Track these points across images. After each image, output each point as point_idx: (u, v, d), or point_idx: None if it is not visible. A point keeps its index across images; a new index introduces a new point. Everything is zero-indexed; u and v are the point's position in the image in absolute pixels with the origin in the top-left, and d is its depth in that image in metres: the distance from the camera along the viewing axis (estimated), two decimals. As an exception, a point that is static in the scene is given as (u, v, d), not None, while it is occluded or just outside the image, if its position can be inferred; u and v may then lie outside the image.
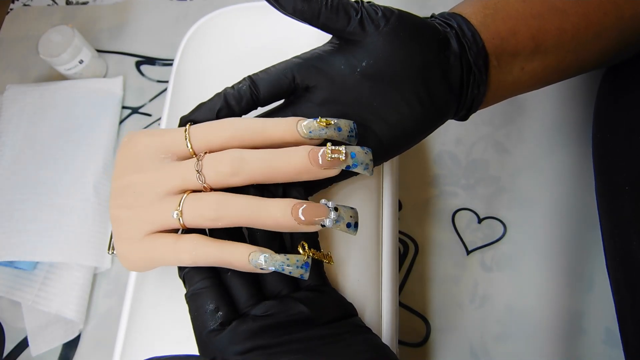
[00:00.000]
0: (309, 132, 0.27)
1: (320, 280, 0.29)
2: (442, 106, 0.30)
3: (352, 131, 0.28)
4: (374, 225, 0.35)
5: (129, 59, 0.61)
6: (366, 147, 0.27)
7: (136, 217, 0.28)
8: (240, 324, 0.26)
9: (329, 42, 0.31)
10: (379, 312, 0.33)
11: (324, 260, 0.28)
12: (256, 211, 0.26)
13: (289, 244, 0.29)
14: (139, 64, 0.61)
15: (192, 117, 0.30)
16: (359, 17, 0.28)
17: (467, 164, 0.48)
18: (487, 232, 0.45)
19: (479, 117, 0.50)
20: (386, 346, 0.28)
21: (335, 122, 0.27)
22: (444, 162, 0.49)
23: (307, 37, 0.36)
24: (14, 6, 0.69)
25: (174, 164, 0.28)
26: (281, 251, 0.27)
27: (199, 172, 0.27)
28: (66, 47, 0.54)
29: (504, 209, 0.46)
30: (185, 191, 0.28)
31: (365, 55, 0.28)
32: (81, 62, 0.57)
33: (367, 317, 0.31)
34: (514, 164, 0.48)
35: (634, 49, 0.34)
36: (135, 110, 0.58)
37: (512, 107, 0.50)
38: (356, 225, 0.27)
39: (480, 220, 0.46)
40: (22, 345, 0.48)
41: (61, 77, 0.60)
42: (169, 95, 0.44)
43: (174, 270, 0.34)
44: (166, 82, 0.58)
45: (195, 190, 0.28)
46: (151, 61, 0.61)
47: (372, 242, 0.34)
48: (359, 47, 0.29)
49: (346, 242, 0.33)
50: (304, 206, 0.26)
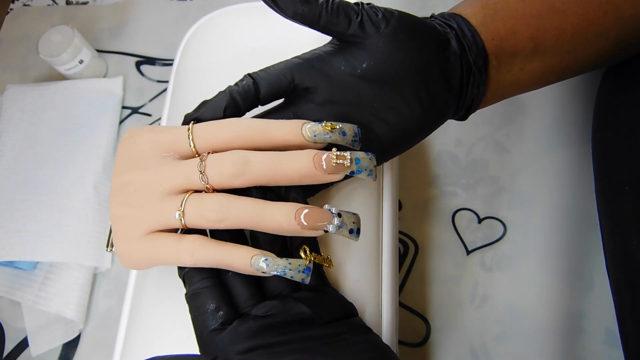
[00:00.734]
0: (314, 135, 0.27)
1: (320, 280, 0.29)
2: (442, 106, 0.30)
3: (356, 136, 0.28)
4: (374, 225, 0.35)
5: (129, 59, 0.61)
6: (370, 152, 0.27)
7: (136, 216, 0.28)
8: (241, 324, 0.26)
9: (330, 42, 0.31)
10: (379, 312, 0.32)
11: (324, 264, 0.28)
12: (259, 215, 0.26)
13: (290, 246, 0.29)
14: (139, 64, 0.61)
15: (198, 115, 0.29)
16: (359, 19, 0.28)
17: (467, 164, 0.48)
18: (487, 232, 0.45)
19: (479, 117, 0.50)
20: (387, 346, 0.28)
21: (340, 126, 0.27)
22: (444, 162, 0.49)
23: (307, 37, 0.36)
24: (14, 6, 0.69)
25: (176, 163, 0.28)
26: (282, 254, 0.27)
27: (202, 173, 0.27)
28: (66, 47, 0.54)
29: (504, 209, 0.46)
30: (187, 191, 0.27)
31: (365, 56, 0.28)
32: (81, 62, 0.57)
33: (367, 317, 0.31)
34: (514, 164, 0.48)
35: (633, 49, 0.34)
36: (135, 110, 0.58)
37: (512, 107, 0.50)
38: (358, 231, 0.27)
39: (480, 220, 0.46)
40: (22, 345, 0.47)
41: (61, 77, 0.60)
42: (169, 95, 0.44)
43: (174, 270, 0.34)
44: (166, 82, 0.58)
45: (197, 190, 0.27)
46: (151, 61, 0.61)
47: (372, 242, 0.34)
48: (360, 48, 0.28)
49: (346, 243, 0.33)
50: (307, 211, 0.26)
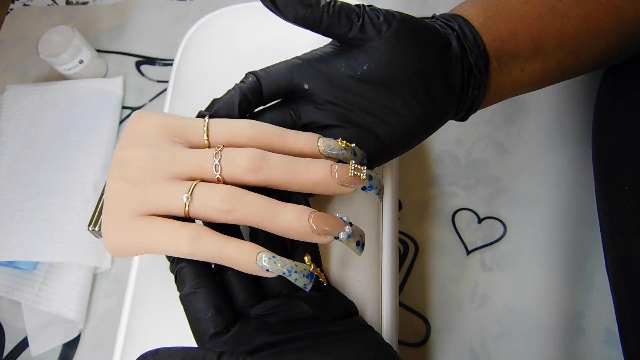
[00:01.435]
0: (329, 149, 0.27)
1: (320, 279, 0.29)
2: (443, 108, 0.30)
3: (364, 159, 0.29)
4: (374, 225, 0.35)
5: (129, 59, 0.61)
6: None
7: (135, 193, 0.26)
8: (245, 325, 0.25)
9: (330, 43, 0.30)
10: (379, 312, 0.32)
11: (320, 277, 0.29)
12: (271, 212, 0.25)
13: (290, 249, 0.29)
14: (139, 64, 0.61)
15: (213, 111, 0.29)
16: (360, 22, 0.28)
17: (467, 164, 0.48)
18: (487, 232, 0.45)
19: (479, 117, 0.50)
20: (389, 345, 0.28)
21: (353, 146, 0.28)
22: (444, 162, 0.49)
23: (308, 37, 0.36)
24: (14, 6, 0.69)
25: (188, 150, 0.27)
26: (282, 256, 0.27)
27: (217, 162, 0.26)
28: (66, 47, 0.54)
29: (504, 209, 0.46)
30: (194, 179, 0.26)
31: (366, 58, 0.28)
32: (81, 62, 0.57)
33: (368, 317, 0.31)
34: (514, 164, 0.48)
35: (633, 50, 0.34)
36: (135, 110, 0.58)
37: (512, 107, 0.50)
38: (363, 246, 0.27)
39: (480, 220, 0.46)
40: (22, 345, 0.47)
41: (61, 77, 0.60)
42: (169, 95, 0.44)
43: (174, 270, 0.34)
44: (166, 82, 0.58)
45: (205, 181, 0.26)
46: (151, 61, 0.61)
47: (372, 242, 0.34)
48: (361, 50, 0.28)
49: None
50: (320, 216, 0.25)
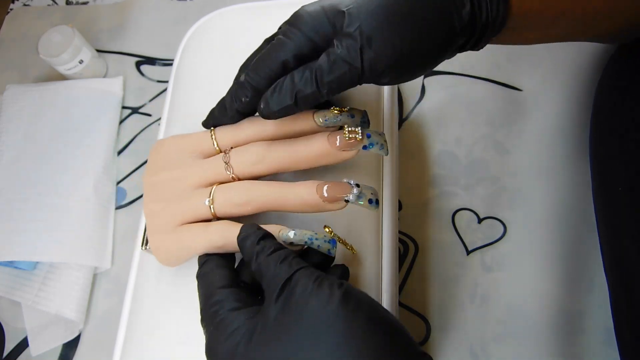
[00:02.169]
0: (325, 120, 0.30)
1: None
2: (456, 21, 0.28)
3: (364, 117, 0.30)
4: (374, 225, 0.35)
5: (129, 59, 0.61)
6: (379, 130, 0.30)
7: (170, 209, 0.31)
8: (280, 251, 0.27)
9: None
10: (379, 312, 0.32)
11: (346, 246, 0.31)
12: (282, 193, 0.29)
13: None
14: (139, 64, 0.61)
15: (212, 121, 0.33)
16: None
17: (467, 164, 0.48)
18: (487, 232, 0.45)
19: (479, 117, 0.50)
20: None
21: (348, 109, 0.30)
22: (444, 162, 0.49)
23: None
24: (14, 6, 0.69)
25: (203, 160, 0.32)
26: None
27: (227, 164, 0.30)
28: (66, 47, 0.54)
29: (504, 209, 0.46)
30: (214, 183, 0.31)
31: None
32: (81, 62, 0.57)
33: (367, 317, 0.31)
34: (514, 164, 0.47)
35: None
36: (135, 110, 0.58)
37: (512, 107, 0.50)
38: (377, 202, 0.29)
39: (480, 220, 0.46)
40: (22, 345, 0.47)
41: (61, 77, 0.59)
42: (169, 95, 0.44)
43: (174, 270, 0.34)
44: (166, 82, 0.58)
45: (223, 183, 0.31)
46: (151, 61, 0.61)
47: (372, 242, 0.34)
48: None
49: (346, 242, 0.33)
50: (327, 185, 0.28)
